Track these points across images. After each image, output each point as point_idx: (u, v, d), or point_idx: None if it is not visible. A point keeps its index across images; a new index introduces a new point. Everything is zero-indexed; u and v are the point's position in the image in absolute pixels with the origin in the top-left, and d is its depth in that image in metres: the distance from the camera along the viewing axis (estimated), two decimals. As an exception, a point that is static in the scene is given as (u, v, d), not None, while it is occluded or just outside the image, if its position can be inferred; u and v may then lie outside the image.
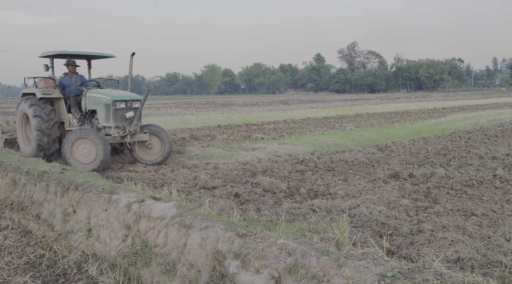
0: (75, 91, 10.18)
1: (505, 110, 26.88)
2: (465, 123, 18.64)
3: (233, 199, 6.44)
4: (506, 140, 12.41)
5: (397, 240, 4.55)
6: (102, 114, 9.40)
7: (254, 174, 8.35)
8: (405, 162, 9.35)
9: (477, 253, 4.07)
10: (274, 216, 5.48)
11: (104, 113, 9.37)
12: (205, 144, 13.23)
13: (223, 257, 3.63)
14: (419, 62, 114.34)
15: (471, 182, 7.18)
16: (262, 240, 3.61)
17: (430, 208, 5.75)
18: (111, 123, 9.31)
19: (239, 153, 11.24)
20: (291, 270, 3.21)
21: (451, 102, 42.86)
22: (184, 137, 15.13)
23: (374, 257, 3.21)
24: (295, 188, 7.15)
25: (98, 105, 9.48)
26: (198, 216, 4.24)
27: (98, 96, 9.52)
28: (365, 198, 6.24)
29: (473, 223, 5.03)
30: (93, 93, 9.70)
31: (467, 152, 10.35)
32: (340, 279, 2.98)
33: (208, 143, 13.36)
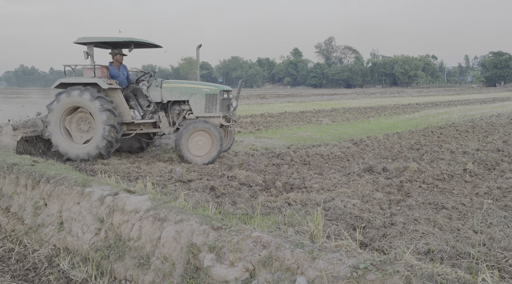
0: (125, 83, 9.75)
1: (476, 106, 27.62)
2: (438, 118, 19.06)
3: (209, 192, 6.41)
4: (476, 136, 12.75)
5: (370, 232, 4.63)
6: (201, 104, 9.46)
7: (230, 167, 8.34)
8: (379, 156, 9.50)
9: (446, 245, 4.17)
10: (250, 209, 5.48)
11: (204, 103, 9.46)
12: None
13: (198, 250, 3.62)
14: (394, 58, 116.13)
15: (442, 176, 7.35)
16: (237, 233, 3.61)
17: (402, 201, 5.86)
18: (218, 112, 9.48)
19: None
20: (266, 262, 3.23)
21: (424, 98, 43.75)
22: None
23: (347, 249, 3.26)
24: (271, 181, 7.18)
25: (193, 95, 9.47)
26: (173, 209, 4.21)
27: (193, 86, 9.57)
28: (340, 191, 6.31)
29: (444, 216, 5.15)
30: (180, 83, 9.70)
31: (439, 147, 10.59)
32: (314, 271, 3.01)
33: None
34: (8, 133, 8.96)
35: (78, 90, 8.84)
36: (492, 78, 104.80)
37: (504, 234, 4.44)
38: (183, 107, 9.71)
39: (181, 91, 9.55)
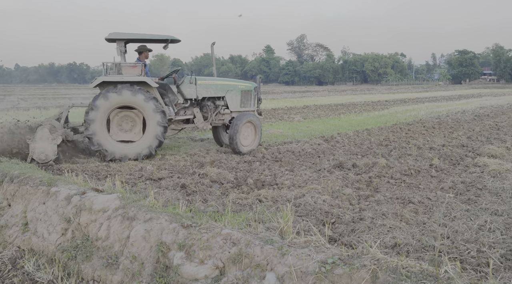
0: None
1: (442, 103, 28.40)
2: (406, 115, 19.49)
3: (179, 190, 6.37)
4: (442, 132, 13.12)
5: (340, 228, 4.70)
6: (237, 100, 10.29)
7: (202, 165, 8.30)
8: (349, 152, 9.64)
9: (412, 238, 4.29)
10: (221, 206, 5.48)
11: (239, 99, 10.32)
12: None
13: (168, 249, 3.59)
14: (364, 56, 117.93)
15: (410, 171, 7.53)
16: (207, 230, 3.60)
17: (371, 197, 5.97)
18: (252, 107, 10.59)
19: (187, 144, 11.13)
20: (235, 259, 3.23)
21: (393, 95, 44.64)
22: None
23: (316, 245, 3.30)
24: (242, 178, 7.19)
25: (229, 92, 10.18)
26: (142, 208, 4.16)
27: (230, 83, 10.36)
28: (310, 187, 6.38)
29: (410, 210, 5.29)
30: (215, 80, 10.16)
31: (406, 143, 10.84)
32: (283, 267, 3.03)
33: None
34: (44, 138, 8.21)
35: (131, 89, 8.70)
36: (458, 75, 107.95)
37: (466, 226, 4.60)
38: (218, 103, 10.13)
39: (217, 88, 10.07)
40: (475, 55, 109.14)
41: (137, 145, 8.92)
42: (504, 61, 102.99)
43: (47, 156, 8.14)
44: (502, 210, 5.20)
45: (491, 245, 4.07)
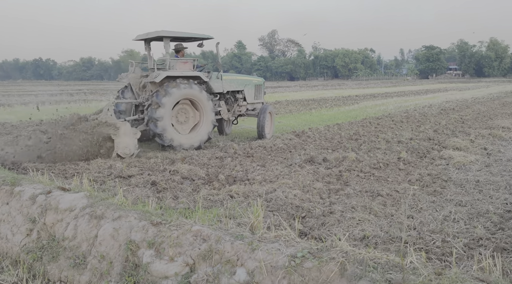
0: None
1: (410, 98, 29.05)
2: (375, 109, 19.85)
3: (150, 187, 6.29)
4: (410, 126, 13.43)
5: (310, 221, 4.75)
6: (252, 93, 11.71)
7: (173, 161, 8.22)
8: (320, 147, 9.75)
9: (380, 230, 4.38)
10: (192, 203, 5.44)
11: (253, 92, 11.75)
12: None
13: (137, 247, 3.54)
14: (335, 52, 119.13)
15: (379, 165, 7.68)
16: (177, 227, 3.57)
17: (341, 190, 6.06)
18: (262, 99, 12.13)
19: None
20: (206, 256, 3.22)
21: (363, 90, 45.36)
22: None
23: (286, 239, 3.33)
24: (214, 174, 7.16)
25: (246, 86, 11.55)
26: (110, 206, 4.09)
27: (246, 78, 11.74)
28: (282, 182, 6.41)
29: (379, 203, 5.39)
30: (235, 76, 11.56)
31: (376, 137, 11.04)
32: (253, 262, 3.04)
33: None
34: (127, 133, 8.47)
35: (188, 83, 9.45)
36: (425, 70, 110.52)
37: (432, 218, 4.73)
38: (238, 96, 11.41)
39: (238, 83, 11.33)
40: (441, 50, 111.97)
41: (198, 134, 9.80)
42: (469, 56, 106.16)
43: (130, 150, 8.54)
44: (466, 201, 5.38)
45: (455, 235, 4.20)
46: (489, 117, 15.36)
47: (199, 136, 9.75)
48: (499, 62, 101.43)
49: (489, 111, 17.67)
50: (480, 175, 6.74)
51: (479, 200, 5.42)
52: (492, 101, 23.71)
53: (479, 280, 2.51)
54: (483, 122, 14.02)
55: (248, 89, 11.58)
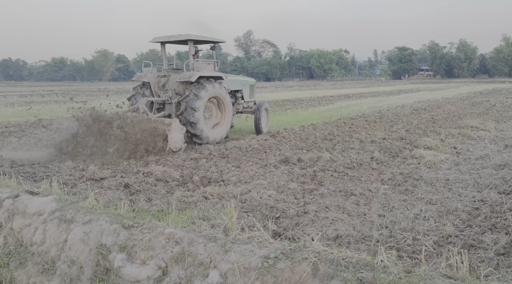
0: None
1: (384, 98, 29.56)
2: (350, 110, 20.10)
3: (122, 189, 6.19)
4: (383, 126, 13.65)
5: (284, 222, 4.76)
6: (248, 92, 12.70)
7: (147, 163, 8.11)
8: (295, 147, 9.80)
9: (353, 229, 4.43)
10: (166, 205, 5.38)
11: (249, 91, 12.77)
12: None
13: (108, 251, 3.48)
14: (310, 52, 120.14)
15: (352, 164, 7.77)
16: (149, 230, 3.53)
17: (315, 190, 6.11)
18: (254, 98, 13.21)
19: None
20: (178, 259, 3.19)
21: (338, 90, 45.87)
22: (71, 126, 14.13)
23: (260, 240, 3.33)
24: (188, 176, 7.10)
25: (244, 85, 12.52)
26: (81, 210, 4.01)
27: (244, 79, 12.75)
28: (257, 183, 6.41)
29: (352, 202, 5.46)
30: (236, 77, 12.42)
31: (350, 137, 11.18)
32: (226, 264, 3.03)
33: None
34: (177, 129, 9.07)
35: (215, 82, 10.42)
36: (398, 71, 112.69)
37: (403, 216, 4.81)
38: (237, 94, 12.35)
39: (239, 83, 12.32)
40: (413, 51, 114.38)
41: (221, 130, 10.81)
42: (440, 57, 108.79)
43: (179, 144, 9.06)
44: (436, 199, 5.50)
45: (425, 233, 4.29)
46: (458, 117, 15.76)
47: (221, 132, 10.79)
48: (468, 63, 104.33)
49: (458, 111, 18.13)
50: (449, 174, 6.90)
51: (448, 198, 5.54)
52: (462, 101, 24.35)
53: (447, 277, 2.56)
54: (453, 121, 14.37)
55: (245, 88, 12.59)
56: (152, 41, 11.06)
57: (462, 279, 2.52)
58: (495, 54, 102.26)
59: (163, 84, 10.69)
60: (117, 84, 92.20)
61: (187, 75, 10.03)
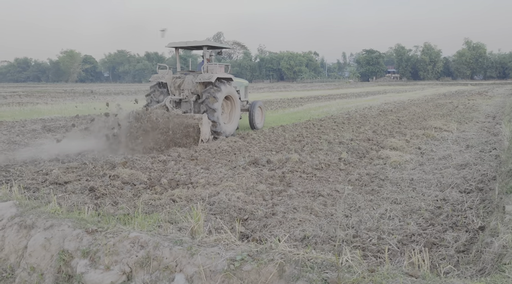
0: None
1: (352, 100, 30.07)
2: (319, 111, 20.34)
3: (88, 193, 6.04)
4: (351, 127, 13.88)
5: (252, 224, 4.77)
6: (243, 92, 13.88)
7: (113, 166, 7.95)
8: (265, 149, 9.83)
9: (320, 230, 4.47)
10: (132, 208, 5.29)
11: (244, 91, 14.01)
12: (60, 136, 12.16)
13: (70, 257, 3.39)
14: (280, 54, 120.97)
15: (320, 165, 7.86)
16: (114, 235, 3.46)
17: (284, 192, 6.14)
18: (247, 97, 14.40)
19: (99, 144, 10.57)
20: (143, 263, 3.14)
21: (308, 92, 46.36)
22: (35, 128, 13.77)
23: (226, 242, 3.32)
24: (156, 178, 7.01)
25: (241, 86, 13.82)
26: (42, 215, 3.89)
27: (240, 80, 14.00)
28: (225, 185, 6.39)
29: (320, 203, 5.52)
30: (237, 79, 13.42)
31: (318, 138, 11.30)
32: (192, 267, 3.00)
33: (64, 135, 12.32)
34: (206, 123, 10.67)
35: (227, 83, 11.88)
36: (366, 73, 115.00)
37: (369, 216, 4.90)
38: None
39: (239, 84, 13.55)
40: (380, 54, 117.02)
41: (232, 125, 12.34)
42: (405, 60, 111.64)
43: (207, 136, 10.73)
44: (401, 198, 5.63)
45: (390, 232, 4.38)
46: (423, 118, 16.20)
47: (233, 126, 12.37)
48: (432, 66, 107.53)
49: (423, 113, 18.64)
50: (414, 174, 7.08)
51: (412, 197, 5.68)
52: (427, 103, 25.05)
53: (408, 275, 2.62)
54: (418, 122, 14.76)
55: (242, 89, 13.83)
56: (168, 46, 12.46)
57: (423, 276, 2.59)
58: (458, 57, 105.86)
59: (179, 84, 12.07)
60: (84, 85, 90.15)
61: (206, 76, 11.41)
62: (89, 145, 9.76)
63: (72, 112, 19.37)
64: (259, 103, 14.01)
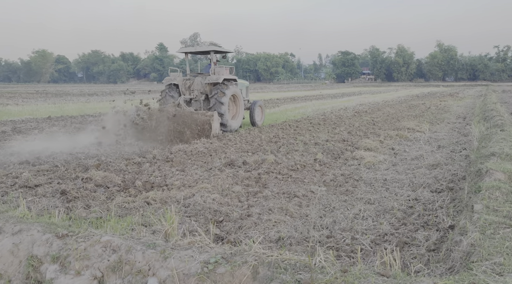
0: None
1: (328, 101, 30.37)
2: (295, 112, 20.46)
3: (59, 197, 5.90)
4: (326, 128, 14.02)
5: (227, 225, 4.75)
6: (244, 92, 15.10)
7: (86, 168, 7.80)
8: (241, 150, 9.82)
9: (295, 231, 4.49)
10: (105, 212, 5.20)
11: (245, 91, 15.31)
12: (30, 138, 11.87)
13: (40, 262, 3.30)
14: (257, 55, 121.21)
15: (296, 166, 7.90)
16: (85, 239, 3.39)
17: (259, 193, 6.14)
18: (248, 97, 15.64)
19: (72, 146, 10.37)
20: (115, 267, 3.09)
21: (284, 93, 46.58)
22: (5, 130, 13.37)
23: (200, 245, 3.30)
24: (130, 181, 6.91)
25: (244, 87, 15.11)
26: (10, 219, 3.78)
27: (243, 82, 15.17)
28: (201, 187, 6.35)
29: (295, 204, 5.54)
30: (240, 80, 14.65)
31: (294, 139, 11.37)
32: (165, 270, 2.97)
33: (35, 137, 12.03)
34: (216, 119, 12.04)
35: (234, 84, 13.42)
36: (341, 75, 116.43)
37: (343, 216, 4.95)
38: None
39: (241, 84, 14.74)
40: (356, 56, 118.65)
41: (237, 121, 13.68)
42: (380, 62, 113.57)
43: (218, 130, 12.13)
44: (374, 198, 5.71)
45: (363, 232, 4.44)
46: (397, 119, 16.50)
47: (238, 122, 13.72)
48: (406, 67, 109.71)
49: (397, 113, 18.98)
50: (387, 174, 7.20)
51: (386, 197, 5.78)
52: (400, 104, 25.52)
53: (380, 275, 2.66)
54: (391, 123, 15.02)
55: (244, 89, 15.07)
56: (179, 51, 14.35)
57: (394, 276, 2.63)
58: (430, 59, 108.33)
59: (189, 85, 13.60)
60: (57, 86, 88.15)
61: (214, 78, 12.92)
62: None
63: (44, 114, 18.93)
64: (260, 102, 15.22)
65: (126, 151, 9.72)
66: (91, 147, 10.17)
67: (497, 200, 4.23)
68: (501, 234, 3.34)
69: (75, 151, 9.66)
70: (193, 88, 13.55)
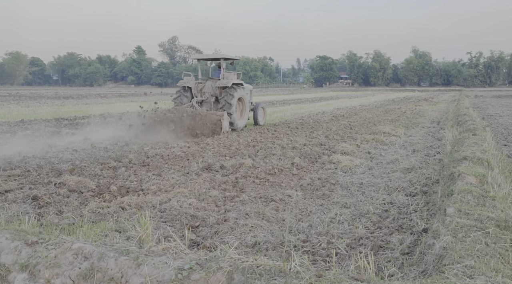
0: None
1: (306, 105, 30.59)
2: (274, 116, 20.53)
3: (30, 202, 5.74)
4: (304, 132, 14.10)
5: (204, 231, 4.71)
6: (249, 95, 16.44)
7: (59, 173, 7.62)
8: (219, 154, 9.77)
9: (272, 236, 4.48)
10: (78, 218, 5.08)
11: (250, 94, 16.72)
12: (2, 142, 11.54)
13: (7, 271, 3.20)
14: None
15: (274, 170, 7.91)
16: (55, 246, 3.30)
17: (236, 197, 6.11)
18: (252, 99, 17.34)
19: (45, 150, 10.13)
20: (87, 275, 3.01)
21: (263, 97, 46.64)
22: (-25, 134, 12.95)
23: (175, 251, 3.25)
24: (105, 186, 6.79)
25: (248, 90, 16.31)
26: (-23, 227, 3.65)
27: (247, 86, 16.40)
28: (177, 191, 6.28)
29: (272, 208, 5.54)
30: (246, 84, 16.04)
31: (272, 143, 11.38)
32: (139, 278, 2.92)
33: (6, 141, 11.70)
34: (226, 119, 13.41)
35: (240, 88, 14.75)
36: (319, 79, 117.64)
37: (320, 220, 4.97)
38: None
39: (247, 89, 16.09)
40: (333, 60, 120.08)
41: (242, 121, 15.12)
42: (357, 66, 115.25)
43: (227, 129, 13.52)
44: (350, 202, 5.75)
45: (339, 236, 4.46)
46: (373, 123, 16.73)
47: (243, 122, 15.12)
48: (382, 72, 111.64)
49: (373, 118, 19.25)
50: (363, 178, 7.28)
51: (361, 201, 5.83)
52: (377, 108, 25.90)
53: (354, 279, 2.67)
54: (368, 128, 15.21)
55: (249, 92, 16.50)
56: (194, 58, 16.30)
57: (368, 280, 2.64)
58: (406, 65, 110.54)
59: (201, 88, 14.97)
60: (31, 88, 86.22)
61: (224, 82, 14.28)
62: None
63: (17, 117, 18.47)
64: (262, 104, 16.94)
65: (101, 155, 9.54)
66: (65, 152, 9.96)
67: (469, 204, 4.32)
68: (472, 237, 3.40)
69: (48, 155, 9.43)
70: (204, 90, 14.93)
